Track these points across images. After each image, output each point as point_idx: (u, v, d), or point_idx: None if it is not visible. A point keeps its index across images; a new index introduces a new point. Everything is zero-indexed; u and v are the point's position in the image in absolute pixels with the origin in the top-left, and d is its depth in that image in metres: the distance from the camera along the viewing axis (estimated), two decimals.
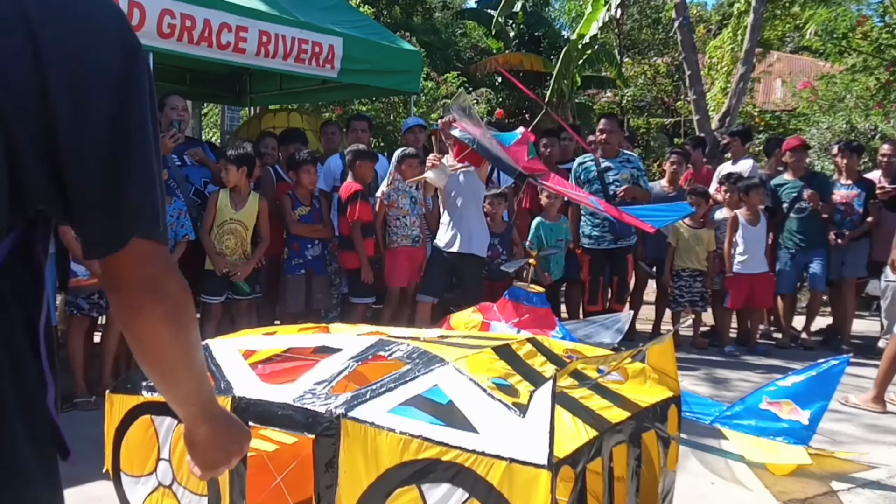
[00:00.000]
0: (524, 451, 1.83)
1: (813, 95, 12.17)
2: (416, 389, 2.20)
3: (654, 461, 2.44)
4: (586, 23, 13.07)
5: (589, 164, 6.12)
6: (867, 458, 3.71)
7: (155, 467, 2.59)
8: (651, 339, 2.53)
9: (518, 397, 2.10)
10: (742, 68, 9.34)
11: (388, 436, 2.02)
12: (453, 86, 10.96)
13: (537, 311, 4.60)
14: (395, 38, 6.71)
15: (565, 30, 21.43)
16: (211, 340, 2.84)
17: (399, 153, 5.57)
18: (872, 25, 11.71)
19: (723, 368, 5.65)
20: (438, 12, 18.76)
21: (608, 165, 6.05)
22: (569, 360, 2.60)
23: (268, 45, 5.28)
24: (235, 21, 5.06)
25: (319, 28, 5.67)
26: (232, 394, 2.39)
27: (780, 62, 17.25)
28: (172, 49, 4.82)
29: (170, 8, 4.70)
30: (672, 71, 16.73)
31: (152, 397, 2.59)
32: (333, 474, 2.13)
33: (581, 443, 1.96)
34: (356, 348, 2.53)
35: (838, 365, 3.69)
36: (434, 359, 2.30)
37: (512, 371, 2.31)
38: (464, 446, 1.90)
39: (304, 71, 5.65)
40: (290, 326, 3.34)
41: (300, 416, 2.21)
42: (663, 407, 2.53)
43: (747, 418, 3.76)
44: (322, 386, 2.32)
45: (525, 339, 2.68)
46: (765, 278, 6.22)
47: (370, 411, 2.11)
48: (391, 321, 5.48)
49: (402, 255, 5.49)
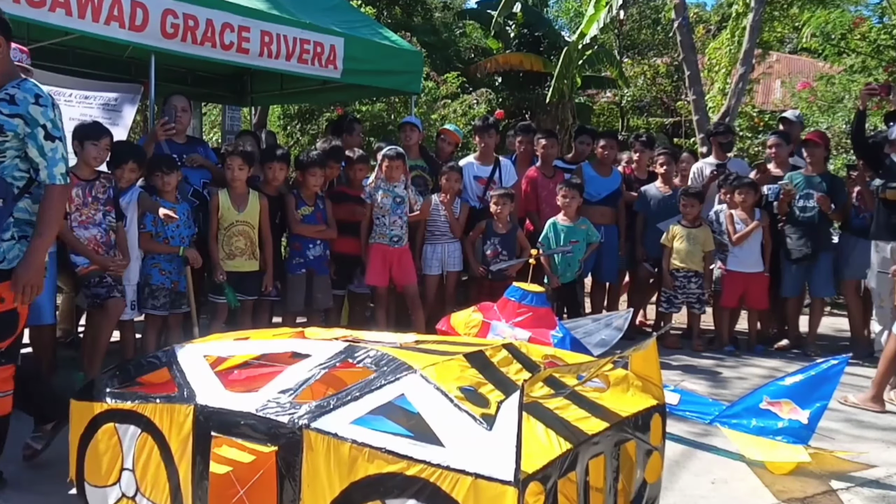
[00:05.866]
0: (490, 465, 1.77)
1: (812, 96, 12.18)
2: (381, 399, 2.13)
3: (635, 473, 2.37)
4: (587, 23, 13.08)
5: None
6: (866, 458, 3.74)
7: (119, 477, 2.54)
8: (636, 343, 2.47)
9: (487, 407, 2.03)
10: (741, 69, 9.35)
11: (351, 448, 1.97)
12: (453, 86, 10.98)
13: (537, 311, 4.62)
14: (396, 39, 6.72)
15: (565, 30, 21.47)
16: (177, 345, 2.78)
17: (382, 153, 5.54)
18: (871, 26, 11.72)
19: (722, 368, 5.67)
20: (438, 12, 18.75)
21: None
22: (547, 367, 2.52)
23: (270, 45, 5.30)
24: (238, 21, 5.08)
25: (321, 28, 5.69)
26: (194, 402, 2.33)
27: (780, 63, 17.26)
28: (175, 49, 4.84)
29: (172, 8, 4.73)
30: (672, 71, 16.74)
31: (116, 405, 2.53)
32: (296, 488, 2.08)
33: (553, 456, 1.88)
34: (324, 355, 2.46)
35: (837, 365, 3.72)
36: (402, 366, 2.22)
37: (483, 379, 2.23)
38: (429, 460, 1.85)
39: (306, 71, 5.67)
40: (264, 331, 3.26)
41: (262, 427, 2.16)
42: (645, 416, 2.44)
43: (747, 418, 3.79)
44: (286, 395, 2.25)
45: (501, 344, 2.60)
46: (759, 278, 6.21)
47: (334, 422, 2.05)
48: (388, 321, 5.51)
49: (376, 252, 5.47)
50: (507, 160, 6.49)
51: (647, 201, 6.52)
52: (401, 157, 5.46)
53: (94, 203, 4.17)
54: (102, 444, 2.57)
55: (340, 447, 1.99)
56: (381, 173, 5.49)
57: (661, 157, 6.66)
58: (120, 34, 4.59)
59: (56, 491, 2.98)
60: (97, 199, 4.19)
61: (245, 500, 2.20)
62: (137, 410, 2.48)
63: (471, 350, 2.45)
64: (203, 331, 4.50)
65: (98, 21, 4.46)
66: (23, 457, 3.23)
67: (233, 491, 2.21)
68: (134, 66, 6.83)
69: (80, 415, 2.65)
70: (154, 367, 2.68)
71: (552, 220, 6.05)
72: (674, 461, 3.54)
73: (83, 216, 4.14)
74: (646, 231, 6.54)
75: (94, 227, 4.18)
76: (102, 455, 2.57)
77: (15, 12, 4.17)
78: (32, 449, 3.26)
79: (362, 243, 5.57)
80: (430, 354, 2.38)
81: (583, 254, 6.06)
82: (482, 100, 11.08)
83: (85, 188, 4.14)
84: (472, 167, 6.25)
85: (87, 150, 4.14)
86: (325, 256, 5.33)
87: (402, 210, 5.50)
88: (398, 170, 5.44)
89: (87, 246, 4.15)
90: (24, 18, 4.28)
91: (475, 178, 6.23)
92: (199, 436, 2.32)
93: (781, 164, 6.53)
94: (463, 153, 7.48)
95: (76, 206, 4.11)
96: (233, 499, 2.21)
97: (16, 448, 3.56)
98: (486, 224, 5.87)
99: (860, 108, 5.68)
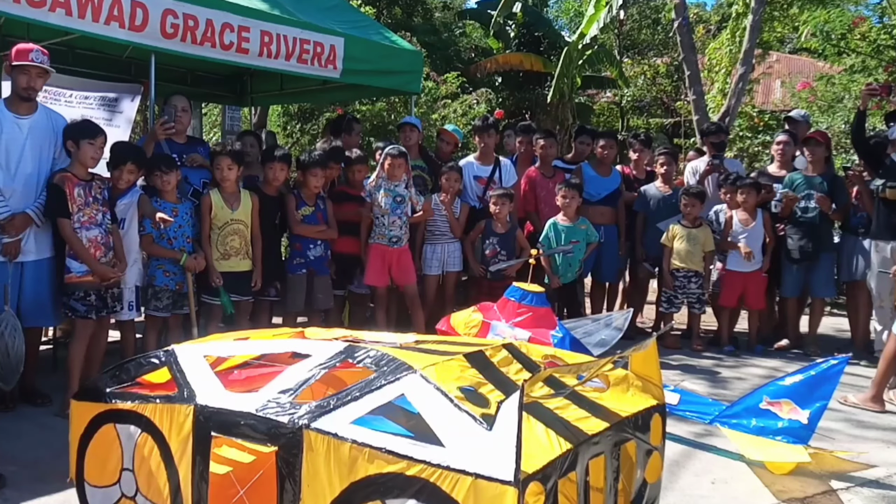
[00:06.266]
0: (490, 466, 1.76)
1: (812, 96, 12.17)
2: (381, 399, 2.12)
3: (635, 473, 2.37)
4: (587, 23, 13.09)
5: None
6: (866, 458, 3.74)
7: (119, 478, 2.53)
8: (636, 343, 2.46)
9: (487, 408, 2.02)
10: (741, 69, 9.35)
11: (351, 448, 1.96)
12: (453, 86, 10.98)
13: (537, 311, 4.62)
14: (396, 39, 6.72)
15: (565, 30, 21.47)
16: (177, 346, 2.77)
17: (385, 151, 5.52)
18: (871, 26, 11.73)
19: (722, 368, 5.67)
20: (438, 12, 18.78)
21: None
22: (547, 367, 2.51)
23: (270, 45, 5.29)
24: (238, 21, 5.07)
25: (321, 28, 5.68)
26: (194, 402, 2.33)
27: (780, 63, 17.27)
28: (175, 49, 4.83)
29: (172, 8, 4.72)
30: (672, 71, 16.75)
31: (116, 405, 2.52)
32: (297, 488, 2.07)
33: (553, 456, 1.88)
34: (324, 355, 2.45)
35: (837, 365, 3.72)
36: (402, 366, 2.21)
37: (483, 379, 2.22)
38: (429, 460, 1.84)
39: (306, 71, 5.66)
40: (264, 331, 3.25)
41: (262, 427, 2.15)
42: (645, 416, 2.43)
43: (747, 418, 3.79)
44: (286, 395, 2.24)
45: (501, 344, 2.59)
46: (757, 278, 6.21)
47: (334, 422, 2.05)
48: (388, 321, 5.51)
49: (375, 252, 5.47)
50: (507, 160, 6.49)
51: (647, 201, 6.52)
52: (403, 156, 5.46)
53: (95, 203, 4.15)
54: (102, 445, 2.57)
55: (340, 447, 1.99)
56: (383, 172, 5.48)
57: (662, 157, 6.67)
58: (120, 34, 4.58)
59: (56, 491, 2.98)
60: (97, 199, 4.16)
61: (245, 501, 2.19)
62: (137, 410, 2.48)
63: (471, 350, 2.44)
64: (201, 332, 4.51)
65: (98, 21, 4.45)
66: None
67: (233, 491, 2.20)
68: (134, 66, 6.83)
69: (80, 415, 2.64)
70: (154, 367, 2.68)
71: (552, 221, 6.05)
72: (674, 461, 3.54)
73: (86, 216, 4.10)
74: (646, 231, 6.54)
75: (95, 228, 4.14)
76: (102, 455, 2.57)
77: (15, 12, 4.17)
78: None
79: (362, 243, 5.58)
80: (430, 354, 2.38)
81: (583, 254, 6.06)
82: (482, 100, 11.09)
83: (85, 188, 4.10)
84: (471, 167, 6.25)
85: (83, 149, 4.08)
86: (326, 257, 5.32)
87: (403, 210, 5.49)
88: (400, 168, 5.44)
89: (89, 251, 4.08)
90: (24, 18, 4.27)
91: (475, 178, 6.23)
92: (199, 436, 2.31)
93: (785, 164, 6.52)
94: (463, 153, 7.49)
95: (79, 205, 4.06)
96: (233, 499, 2.20)
97: (16, 448, 3.57)
98: (486, 224, 5.88)
99: (861, 109, 5.68)
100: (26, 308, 4.12)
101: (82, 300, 4.13)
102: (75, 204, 4.05)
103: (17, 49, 4.04)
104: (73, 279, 4.10)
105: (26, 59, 3.99)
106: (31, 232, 4.10)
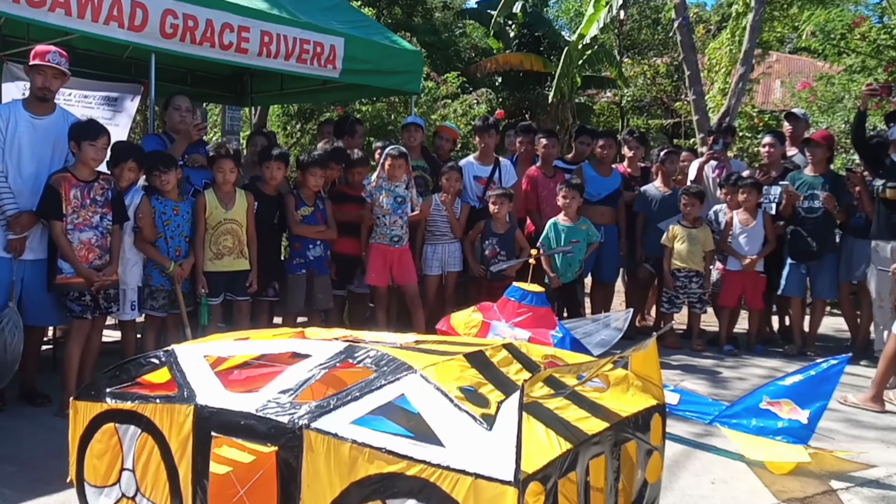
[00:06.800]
0: (490, 466, 1.77)
1: (812, 96, 12.17)
2: (381, 399, 2.13)
3: (636, 473, 2.37)
4: (587, 23, 13.09)
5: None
6: (866, 457, 3.74)
7: (119, 478, 2.53)
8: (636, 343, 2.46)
9: (487, 408, 2.02)
10: (741, 69, 9.35)
11: (351, 448, 1.97)
12: (453, 86, 10.98)
13: (537, 311, 4.62)
14: (396, 39, 6.72)
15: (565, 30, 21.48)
16: (177, 346, 2.77)
17: (385, 151, 5.52)
18: (871, 26, 11.73)
19: (722, 368, 5.67)
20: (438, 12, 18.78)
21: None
22: (547, 367, 2.51)
23: (270, 45, 5.30)
24: (237, 21, 5.08)
25: (321, 28, 5.68)
26: (194, 402, 2.33)
27: (780, 63, 17.27)
28: (175, 49, 4.84)
29: (172, 8, 4.72)
30: (672, 71, 16.76)
31: (116, 405, 2.52)
32: (296, 488, 2.07)
33: (553, 456, 1.88)
34: (324, 355, 2.45)
35: (837, 365, 3.72)
36: (402, 366, 2.21)
37: (483, 379, 2.22)
38: (429, 460, 1.85)
39: (305, 71, 5.66)
40: (264, 331, 3.26)
41: (262, 427, 2.16)
42: (645, 416, 2.43)
43: (747, 418, 3.79)
44: (286, 395, 2.24)
45: (501, 344, 2.59)
46: (755, 278, 6.21)
47: (334, 422, 2.05)
48: (388, 321, 5.51)
49: (376, 252, 5.47)
50: (506, 160, 6.49)
51: (647, 201, 6.52)
52: (403, 156, 5.45)
53: (93, 205, 4.11)
54: (102, 445, 2.57)
55: (340, 447, 1.99)
56: (383, 172, 5.49)
57: (666, 156, 6.67)
58: (119, 34, 4.59)
59: (56, 491, 2.98)
60: (95, 201, 4.12)
61: (245, 501, 2.19)
62: (137, 410, 2.48)
63: (471, 350, 2.44)
64: (201, 332, 4.50)
65: (98, 21, 4.46)
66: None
67: (233, 491, 2.20)
68: (134, 66, 6.83)
69: (80, 415, 2.64)
70: (154, 367, 2.68)
71: (552, 221, 6.05)
72: (674, 461, 3.54)
73: (80, 218, 4.07)
74: (646, 231, 6.54)
75: (89, 230, 4.11)
76: (102, 455, 2.57)
77: (15, 12, 4.18)
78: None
79: (362, 243, 5.58)
80: (430, 354, 2.38)
81: (583, 254, 6.06)
82: (482, 100, 11.10)
83: (83, 189, 4.07)
84: (471, 167, 6.24)
85: (84, 150, 4.06)
86: (326, 257, 5.32)
87: (403, 210, 5.49)
88: (401, 168, 5.43)
89: (77, 253, 4.06)
90: (24, 18, 4.28)
91: (475, 178, 6.23)
92: (199, 436, 2.31)
93: (773, 164, 6.52)
94: (463, 153, 7.48)
95: (73, 207, 4.03)
96: (233, 499, 2.20)
97: (16, 448, 3.57)
98: (485, 224, 5.88)
99: (861, 109, 5.68)
100: (29, 306, 4.12)
101: (77, 300, 4.13)
102: (70, 205, 4.02)
103: (36, 50, 4.09)
104: (63, 280, 4.08)
105: (43, 59, 4.03)
106: (37, 231, 4.11)
